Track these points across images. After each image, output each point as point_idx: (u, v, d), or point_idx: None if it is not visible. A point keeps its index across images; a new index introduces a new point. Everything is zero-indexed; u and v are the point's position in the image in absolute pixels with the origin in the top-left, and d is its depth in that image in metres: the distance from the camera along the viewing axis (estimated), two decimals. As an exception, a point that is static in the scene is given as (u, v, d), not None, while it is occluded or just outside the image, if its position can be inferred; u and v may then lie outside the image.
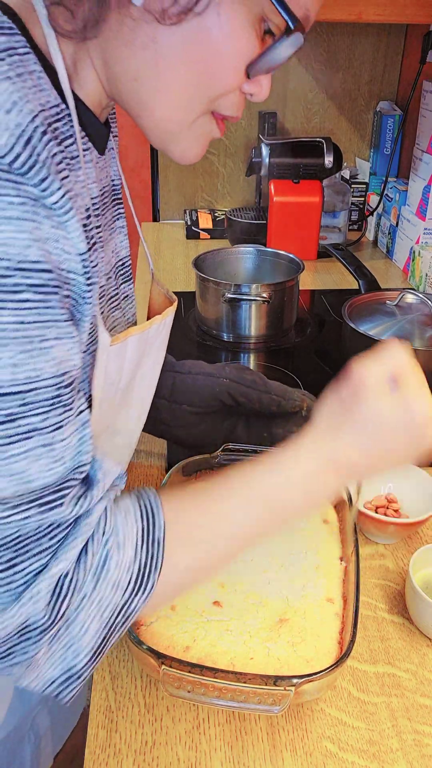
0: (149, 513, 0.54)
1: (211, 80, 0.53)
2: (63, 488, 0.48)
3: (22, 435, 0.45)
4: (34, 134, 0.44)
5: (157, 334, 0.67)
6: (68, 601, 0.48)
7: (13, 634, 0.47)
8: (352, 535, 0.73)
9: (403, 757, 0.61)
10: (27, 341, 0.44)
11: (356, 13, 1.28)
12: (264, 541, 0.63)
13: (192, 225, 1.91)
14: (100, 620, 0.50)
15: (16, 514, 0.46)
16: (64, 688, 0.50)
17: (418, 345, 1.11)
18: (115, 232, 0.66)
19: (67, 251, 0.47)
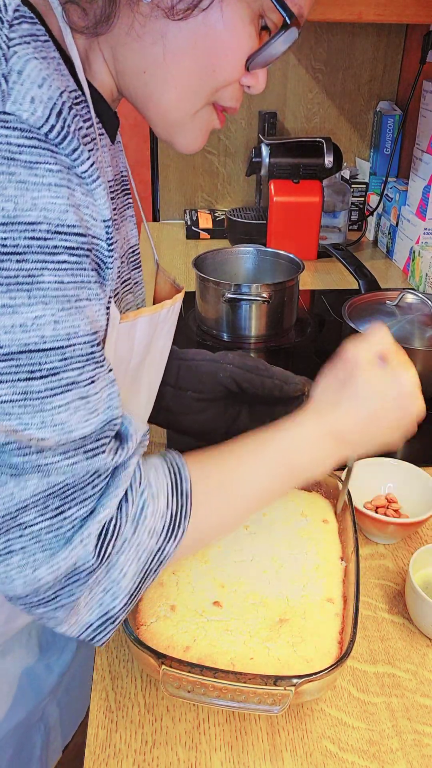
0: (176, 469, 0.58)
1: (214, 72, 0.56)
2: (101, 438, 0.52)
3: (64, 388, 0.48)
4: (64, 108, 0.47)
5: (166, 319, 0.70)
6: (112, 544, 0.52)
7: (62, 577, 0.50)
8: (352, 535, 0.73)
9: (403, 757, 0.61)
10: (65, 300, 0.48)
11: (356, 13, 1.28)
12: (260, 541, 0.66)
13: (192, 225, 1.92)
14: (137, 564, 0.54)
15: (66, 459, 0.49)
16: (100, 632, 0.54)
17: (418, 345, 1.11)
18: (126, 220, 0.69)
19: (94, 218, 0.50)
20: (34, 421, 0.48)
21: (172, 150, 1.93)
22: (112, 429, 0.53)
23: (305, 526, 0.77)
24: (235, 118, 1.94)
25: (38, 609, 0.52)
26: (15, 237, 0.45)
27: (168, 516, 0.56)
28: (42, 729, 0.85)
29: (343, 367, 0.63)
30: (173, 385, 0.89)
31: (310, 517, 0.78)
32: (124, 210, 0.68)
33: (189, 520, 0.57)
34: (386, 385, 0.62)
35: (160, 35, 0.54)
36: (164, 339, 0.72)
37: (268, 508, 0.79)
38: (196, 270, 1.33)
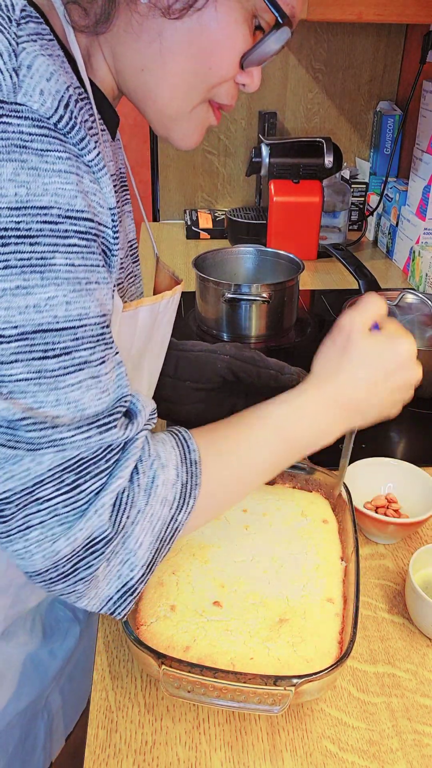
0: (183, 441, 0.60)
1: (209, 70, 0.58)
2: (113, 414, 0.54)
3: (76, 367, 0.50)
4: (71, 100, 0.49)
5: (166, 309, 0.72)
6: (127, 514, 0.54)
7: (80, 548, 0.52)
8: (352, 535, 0.73)
9: (403, 757, 0.61)
10: (76, 282, 0.49)
11: (356, 13, 1.28)
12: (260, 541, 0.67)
13: (192, 225, 1.91)
14: (152, 534, 0.56)
15: (80, 434, 0.51)
16: (120, 604, 0.56)
17: (418, 345, 1.09)
18: (125, 215, 0.70)
19: (101, 205, 0.52)
20: (48, 399, 0.49)
21: (172, 150, 1.95)
22: (123, 406, 0.55)
23: (305, 526, 0.77)
24: (235, 118, 1.94)
25: (58, 585, 0.53)
26: (28, 221, 0.47)
27: (179, 485, 0.57)
28: (45, 717, 0.86)
29: (340, 337, 0.65)
30: (172, 375, 0.90)
31: (310, 517, 0.78)
32: (123, 205, 0.70)
33: (199, 488, 0.58)
34: (384, 352, 0.64)
35: (157, 34, 0.56)
36: (164, 329, 0.74)
37: (268, 508, 0.79)
38: (196, 270, 1.33)
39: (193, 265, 1.34)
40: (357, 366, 0.63)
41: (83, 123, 0.50)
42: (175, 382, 0.91)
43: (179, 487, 0.57)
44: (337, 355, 0.64)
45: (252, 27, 0.58)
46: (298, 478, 0.84)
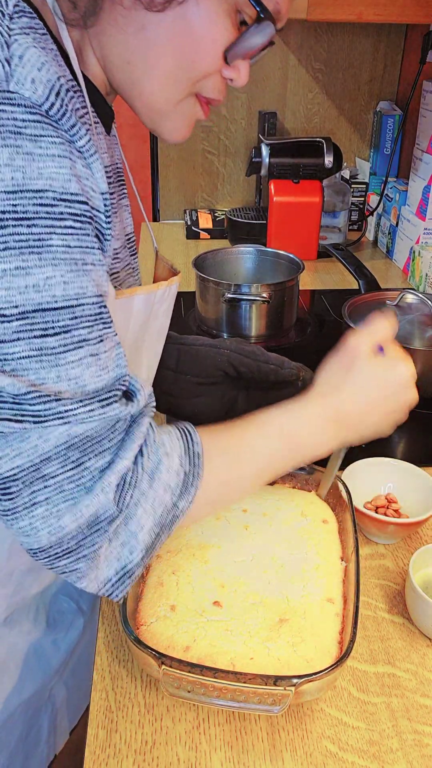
0: (188, 433, 0.62)
1: (193, 63, 0.59)
2: (112, 390, 0.55)
3: (76, 344, 0.52)
4: (62, 89, 0.51)
5: (163, 300, 0.73)
6: (130, 495, 0.56)
7: (85, 525, 0.54)
8: (352, 535, 0.73)
9: (403, 757, 0.61)
10: (73, 262, 0.51)
11: (356, 13, 1.27)
12: (260, 541, 0.67)
13: (192, 225, 1.91)
14: (154, 517, 0.57)
15: (83, 407, 0.53)
16: (118, 586, 0.57)
17: (418, 345, 1.11)
18: (122, 209, 0.72)
19: (93, 189, 0.54)
20: (50, 376, 0.51)
21: (172, 150, 1.95)
22: (122, 384, 0.57)
23: (305, 526, 0.77)
24: (235, 118, 1.94)
25: (61, 561, 0.55)
26: (25, 204, 0.48)
27: (182, 473, 0.59)
28: (50, 710, 0.87)
29: (345, 355, 0.68)
30: (173, 369, 0.92)
31: (310, 517, 0.78)
32: (120, 199, 0.72)
33: (201, 479, 0.60)
34: (385, 375, 0.67)
35: (141, 27, 0.57)
36: (161, 319, 0.75)
37: (268, 508, 0.79)
38: (196, 270, 1.33)
39: (193, 265, 1.34)
40: (359, 387, 0.67)
41: (74, 111, 0.52)
42: (177, 376, 0.92)
43: (182, 476, 0.59)
44: (342, 373, 0.67)
45: (236, 21, 0.59)
46: (298, 479, 0.84)
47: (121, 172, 0.73)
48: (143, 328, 0.71)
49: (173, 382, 0.92)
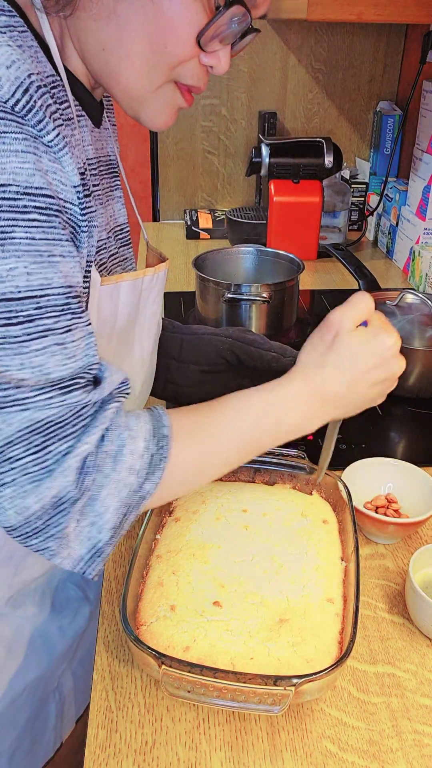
0: (158, 416, 0.62)
1: (165, 48, 0.59)
2: (77, 378, 0.57)
3: (40, 333, 0.54)
4: (31, 86, 0.52)
5: (151, 287, 0.75)
6: (92, 477, 0.57)
7: (49, 506, 0.56)
8: (352, 535, 0.73)
9: (403, 757, 0.61)
10: (38, 254, 0.53)
11: (356, 13, 1.27)
12: (260, 541, 0.66)
13: (192, 225, 1.91)
14: (119, 499, 0.58)
15: (42, 394, 0.55)
16: (90, 564, 0.59)
17: (418, 345, 1.11)
18: (113, 199, 0.74)
19: (63, 183, 0.55)
20: (13, 363, 0.53)
21: (172, 150, 1.95)
22: (89, 373, 0.58)
23: (305, 526, 0.76)
24: (235, 118, 1.94)
25: (32, 540, 0.57)
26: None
27: (147, 456, 0.60)
28: (57, 697, 0.89)
29: (327, 331, 0.66)
30: (176, 358, 0.93)
31: (310, 517, 0.78)
32: (111, 190, 0.74)
33: (167, 461, 0.61)
34: (368, 347, 0.66)
35: (113, 12, 0.58)
36: (152, 305, 0.77)
37: (268, 508, 0.79)
38: (196, 270, 1.33)
39: (193, 265, 1.34)
40: (342, 362, 0.66)
41: (44, 107, 0.53)
42: (180, 365, 0.93)
43: (147, 458, 0.60)
44: (324, 350, 0.66)
45: (210, 6, 0.58)
46: (299, 479, 0.84)
47: (113, 165, 0.74)
48: (133, 315, 0.73)
49: (177, 371, 0.93)
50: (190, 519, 0.77)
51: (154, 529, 0.75)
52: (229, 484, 0.84)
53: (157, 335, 0.84)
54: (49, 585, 0.84)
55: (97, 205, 0.67)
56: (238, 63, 1.87)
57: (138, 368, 0.80)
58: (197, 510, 0.78)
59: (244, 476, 0.85)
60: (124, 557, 0.81)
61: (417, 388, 1.10)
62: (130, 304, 0.71)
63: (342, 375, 0.66)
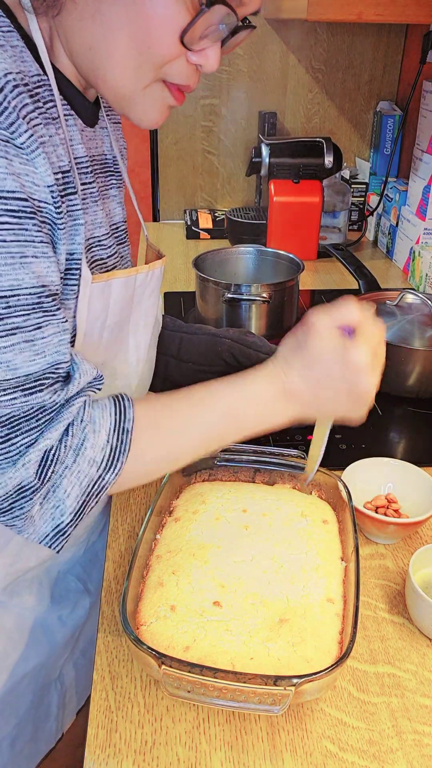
0: (122, 408, 0.64)
1: (150, 48, 0.59)
2: (42, 378, 0.58)
3: (8, 331, 0.55)
4: (6, 87, 0.53)
5: (146, 283, 0.76)
6: (53, 469, 0.60)
7: (12, 492, 0.59)
8: (352, 535, 0.73)
9: (403, 757, 0.61)
10: (9, 255, 0.54)
11: (356, 13, 1.27)
12: (260, 541, 0.66)
13: (192, 225, 1.92)
14: (80, 488, 0.61)
15: (6, 395, 0.57)
16: (55, 541, 0.62)
17: (418, 345, 1.11)
18: (109, 198, 0.75)
19: (36, 184, 0.56)
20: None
21: (172, 150, 1.95)
22: (56, 371, 0.59)
23: (305, 526, 0.76)
24: (235, 117, 1.94)
25: (1, 518, 0.60)
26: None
27: (108, 449, 0.62)
28: (59, 687, 0.91)
29: (303, 331, 0.67)
30: (175, 356, 0.95)
31: (310, 518, 0.78)
32: (106, 189, 0.74)
33: (127, 454, 0.63)
34: (335, 355, 0.65)
35: (97, 11, 0.58)
36: (147, 302, 0.78)
37: (268, 508, 0.79)
38: (196, 270, 1.33)
39: (193, 265, 1.34)
40: (309, 363, 0.66)
41: (18, 108, 0.54)
42: (179, 363, 0.95)
43: (108, 451, 0.62)
44: (295, 349, 0.67)
45: (192, 5, 0.58)
46: (299, 479, 0.84)
47: (107, 163, 0.75)
48: (126, 311, 0.74)
49: (175, 368, 0.94)
50: (190, 519, 0.77)
51: (154, 529, 0.75)
52: (229, 484, 0.84)
53: (155, 332, 0.85)
54: (47, 576, 0.86)
55: (90, 203, 0.69)
56: (238, 63, 1.87)
57: (134, 364, 0.80)
58: (197, 510, 0.78)
59: (244, 476, 0.85)
60: (124, 557, 0.81)
61: (417, 388, 1.10)
62: (123, 301, 0.72)
63: (306, 376, 0.66)
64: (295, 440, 1.00)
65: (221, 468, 0.85)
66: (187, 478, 0.84)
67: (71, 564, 0.90)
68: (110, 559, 0.81)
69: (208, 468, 0.85)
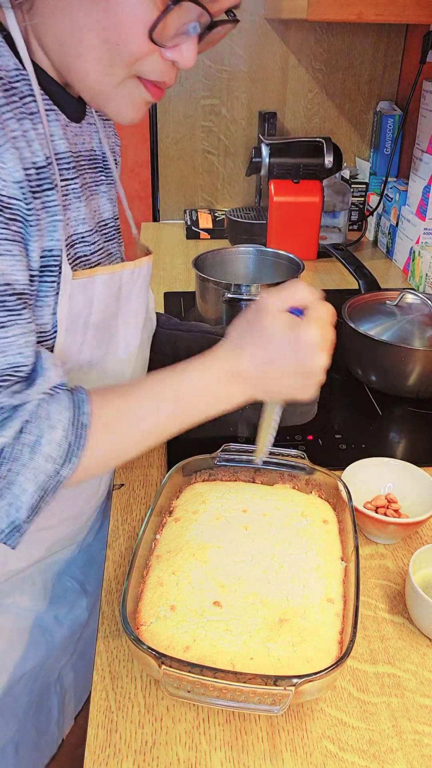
0: (79, 404, 0.64)
1: (119, 45, 0.59)
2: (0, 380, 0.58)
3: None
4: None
5: (133, 281, 0.76)
6: (8, 467, 0.59)
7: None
8: (352, 535, 0.73)
9: (403, 757, 0.61)
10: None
11: (356, 13, 1.27)
12: (260, 541, 0.66)
13: (192, 225, 1.92)
14: (36, 483, 0.61)
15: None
16: (11, 537, 0.61)
17: (418, 345, 1.11)
18: (97, 195, 0.75)
19: (3, 179, 0.56)
20: None
21: (172, 150, 1.95)
22: (17, 373, 0.60)
23: (305, 526, 0.76)
24: (235, 118, 1.94)
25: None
26: None
27: (66, 445, 0.62)
28: (59, 690, 0.92)
29: (253, 313, 0.68)
30: (170, 354, 0.94)
31: (310, 518, 0.78)
32: (95, 185, 0.75)
33: (84, 449, 0.63)
34: (285, 335, 0.66)
35: (67, 6, 0.58)
36: (136, 301, 0.78)
37: (268, 508, 0.79)
38: (196, 270, 1.33)
39: (193, 265, 1.34)
40: (259, 343, 0.67)
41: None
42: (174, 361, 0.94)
43: (66, 447, 0.62)
44: (246, 330, 0.68)
45: (163, 2, 0.58)
46: (298, 479, 0.84)
47: (96, 159, 0.75)
48: (112, 308, 0.74)
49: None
50: (190, 519, 0.77)
51: (154, 529, 0.75)
52: (229, 484, 0.84)
53: (147, 331, 0.85)
54: (41, 576, 0.86)
55: (73, 199, 0.68)
56: (238, 63, 1.87)
57: (124, 361, 0.80)
58: (197, 510, 0.78)
59: (244, 476, 0.86)
60: (124, 557, 0.81)
61: (417, 388, 1.10)
62: (108, 298, 0.72)
63: (255, 357, 0.67)
64: (295, 440, 1.00)
65: (221, 468, 0.85)
66: (187, 478, 0.84)
67: (66, 565, 0.90)
68: (110, 559, 0.81)
69: (208, 468, 0.85)
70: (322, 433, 1.03)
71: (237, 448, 0.85)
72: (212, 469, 0.85)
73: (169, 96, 1.91)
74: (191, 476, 0.84)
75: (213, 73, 1.89)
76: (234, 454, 0.85)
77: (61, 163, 0.66)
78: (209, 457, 0.84)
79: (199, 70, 1.88)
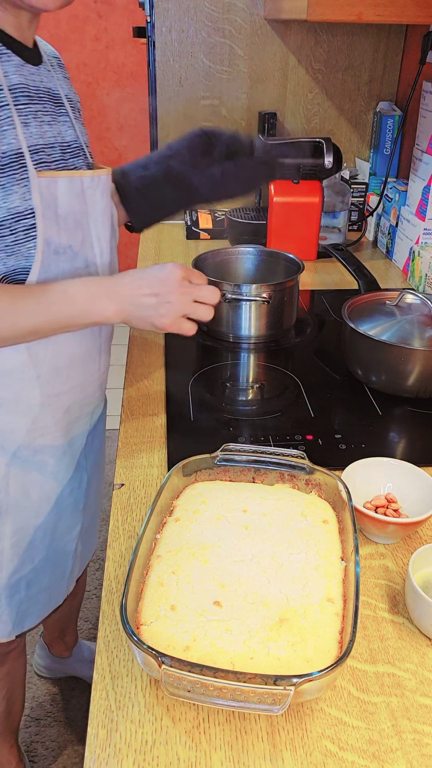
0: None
1: None
2: None
3: None
4: None
5: (94, 186, 0.91)
6: None
7: None
8: (352, 535, 0.73)
9: (403, 757, 0.61)
10: None
11: (356, 14, 1.28)
12: (260, 541, 0.66)
13: (192, 225, 1.92)
14: None
15: None
16: None
17: (418, 345, 1.11)
18: (58, 122, 0.91)
19: None
20: None
21: (172, 150, 1.95)
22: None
23: (305, 526, 0.77)
24: (235, 118, 1.94)
25: None
26: None
27: None
28: (71, 560, 1.15)
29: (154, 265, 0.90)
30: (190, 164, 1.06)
31: (310, 518, 0.78)
32: (56, 115, 0.90)
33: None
34: (156, 267, 0.89)
35: None
36: (101, 202, 0.93)
37: (268, 508, 0.79)
38: (196, 270, 1.33)
39: (193, 266, 1.34)
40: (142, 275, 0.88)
41: None
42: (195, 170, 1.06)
43: None
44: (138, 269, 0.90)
45: None
46: (298, 479, 0.84)
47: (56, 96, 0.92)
48: (81, 205, 0.89)
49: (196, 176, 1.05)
50: (191, 519, 0.77)
51: (154, 529, 0.75)
52: (230, 484, 0.84)
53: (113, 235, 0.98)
54: (71, 447, 1.04)
55: (31, 119, 0.84)
56: (238, 63, 1.87)
57: (98, 255, 0.95)
58: (197, 510, 0.78)
59: (244, 476, 0.86)
60: (124, 557, 0.81)
61: (417, 388, 1.10)
62: (71, 196, 0.87)
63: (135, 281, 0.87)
64: (295, 440, 1.00)
65: (221, 468, 0.85)
66: (187, 478, 0.84)
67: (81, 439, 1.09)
68: (110, 558, 0.81)
69: (208, 468, 0.85)
70: (322, 433, 1.03)
71: (237, 448, 0.85)
72: (212, 469, 0.85)
73: (169, 96, 1.91)
74: (191, 476, 0.84)
75: (213, 73, 1.89)
76: (234, 454, 0.85)
77: (15, 91, 0.81)
78: (209, 457, 0.84)
79: (199, 71, 1.88)
